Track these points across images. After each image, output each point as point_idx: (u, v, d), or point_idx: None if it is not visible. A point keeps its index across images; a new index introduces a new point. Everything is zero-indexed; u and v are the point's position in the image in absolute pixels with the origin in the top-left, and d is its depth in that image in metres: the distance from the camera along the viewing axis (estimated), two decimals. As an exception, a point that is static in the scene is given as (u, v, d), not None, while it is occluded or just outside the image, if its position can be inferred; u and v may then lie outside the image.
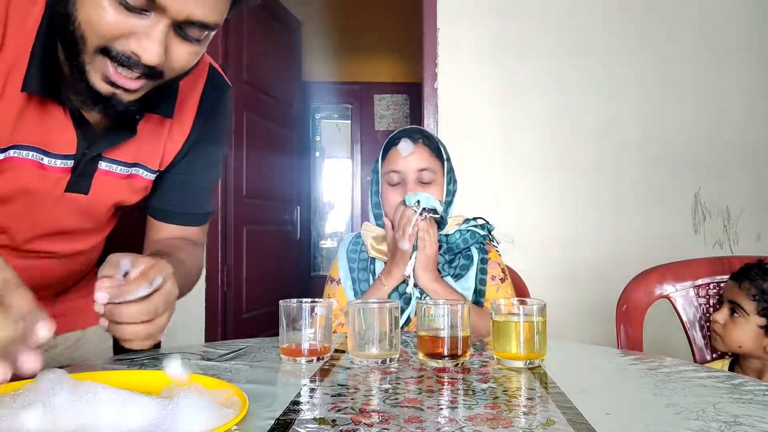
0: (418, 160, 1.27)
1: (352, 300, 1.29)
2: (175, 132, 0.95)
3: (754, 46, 2.47)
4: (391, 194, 1.30)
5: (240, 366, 0.88)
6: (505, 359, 0.89)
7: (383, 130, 5.31)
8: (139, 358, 0.92)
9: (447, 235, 1.31)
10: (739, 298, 1.28)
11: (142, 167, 0.94)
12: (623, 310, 1.40)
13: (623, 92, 2.48)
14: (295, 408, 0.67)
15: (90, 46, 0.69)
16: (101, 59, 0.70)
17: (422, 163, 1.27)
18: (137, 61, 0.69)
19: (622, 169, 2.46)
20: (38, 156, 0.82)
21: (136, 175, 0.93)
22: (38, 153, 0.82)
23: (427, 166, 1.28)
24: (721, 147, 2.45)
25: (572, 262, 2.45)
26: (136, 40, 0.68)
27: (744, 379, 0.82)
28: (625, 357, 0.97)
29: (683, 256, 1.55)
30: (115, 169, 0.90)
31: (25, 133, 0.79)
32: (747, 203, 2.43)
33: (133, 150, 0.90)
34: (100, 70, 0.71)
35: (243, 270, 3.02)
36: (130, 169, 0.92)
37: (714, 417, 0.63)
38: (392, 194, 1.29)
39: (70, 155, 0.84)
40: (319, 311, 0.94)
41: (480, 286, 1.30)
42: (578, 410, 0.65)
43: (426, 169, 1.27)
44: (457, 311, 0.91)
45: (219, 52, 2.80)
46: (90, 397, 0.58)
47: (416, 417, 0.63)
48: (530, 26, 2.50)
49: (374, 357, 0.90)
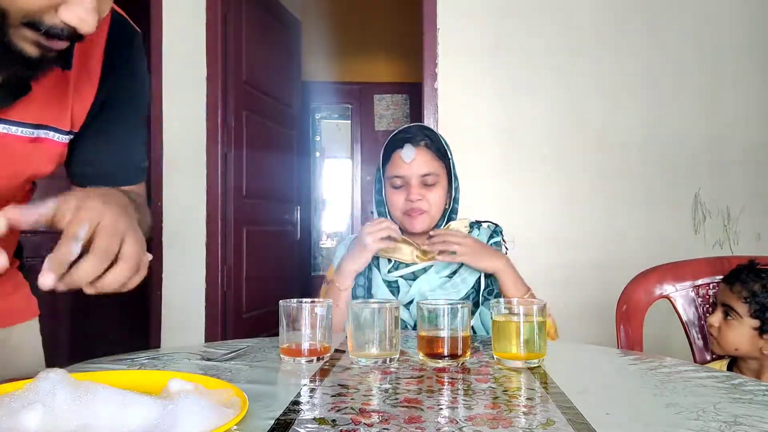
0: (421, 165, 1.28)
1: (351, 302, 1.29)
2: (83, 86, 0.86)
3: (755, 46, 2.47)
4: (395, 196, 1.31)
5: (240, 366, 0.88)
6: (505, 359, 0.89)
7: (383, 130, 5.31)
8: (139, 358, 0.92)
9: None
10: (732, 300, 1.27)
11: (52, 129, 0.84)
12: (623, 310, 1.40)
13: (624, 92, 2.48)
14: (295, 408, 0.67)
15: (14, 21, 0.62)
16: (28, 32, 0.63)
17: (425, 168, 1.29)
18: (71, 32, 0.64)
19: (623, 169, 2.47)
20: None
21: (45, 138, 0.84)
22: None
23: (430, 170, 1.29)
24: (721, 147, 2.45)
25: (572, 262, 2.45)
26: (68, 10, 0.62)
27: (744, 379, 0.82)
28: (625, 357, 0.97)
29: (683, 256, 1.55)
30: (14, 131, 0.80)
31: None
32: (747, 203, 2.43)
33: (35, 110, 0.81)
34: (28, 39, 0.64)
35: (243, 270, 3.02)
36: (35, 131, 0.83)
37: (714, 417, 0.63)
38: (396, 196, 1.31)
39: None
40: (319, 311, 0.94)
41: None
42: (578, 410, 0.65)
43: (429, 173, 1.29)
44: (457, 311, 0.91)
45: (219, 52, 2.80)
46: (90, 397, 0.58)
47: (416, 417, 0.63)
48: (530, 26, 2.50)
49: (374, 357, 0.90)
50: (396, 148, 1.30)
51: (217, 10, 2.78)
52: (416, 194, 1.28)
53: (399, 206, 1.30)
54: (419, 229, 1.29)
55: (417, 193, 1.28)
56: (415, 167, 1.28)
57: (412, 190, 1.28)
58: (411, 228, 1.30)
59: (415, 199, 1.28)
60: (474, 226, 1.36)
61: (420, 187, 1.29)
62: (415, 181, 1.29)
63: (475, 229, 1.35)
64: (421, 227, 1.29)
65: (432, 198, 1.29)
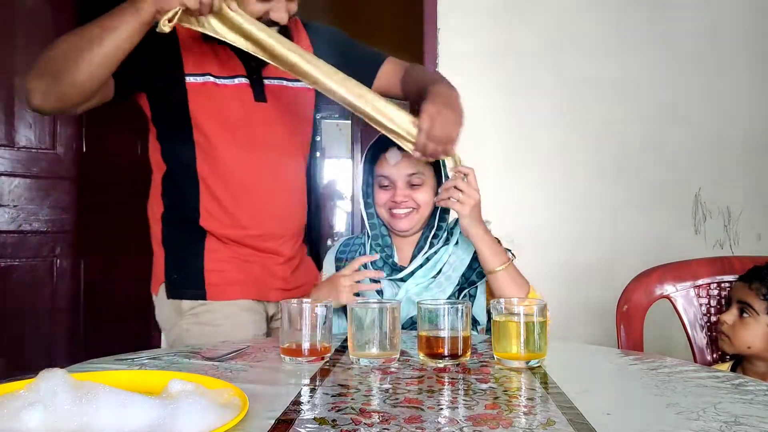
0: (407, 166, 1.28)
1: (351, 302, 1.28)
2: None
3: (755, 46, 2.47)
4: (382, 194, 1.31)
5: (240, 366, 0.88)
6: (505, 359, 0.89)
7: (383, 130, 5.29)
8: (139, 358, 0.92)
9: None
10: (749, 298, 1.29)
11: None
12: (624, 310, 1.40)
13: (624, 92, 2.47)
14: (295, 408, 0.67)
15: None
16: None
17: (411, 168, 1.29)
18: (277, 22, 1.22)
19: (623, 169, 2.46)
20: None
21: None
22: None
23: (416, 170, 1.29)
24: (721, 147, 2.45)
25: (572, 262, 2.45)
26: (274, 13, 1.20)
27: (744, 379, 0.82)
28: (625, 357, 0.97)
29: (683, 256, 1.54)
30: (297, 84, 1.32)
31: None
32: (747, 203, 2.43)
33: None
34: None
35: (243, 270, 3.02)
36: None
37: (714, 417, 0.63)
38: (382, 195, 1.31)
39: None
40: (319, 311, 0.94)
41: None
42: (578, 410, 0.65)
43: (415, 173, 1.29)
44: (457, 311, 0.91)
45: (219, 52, 2.80)
46: (90, 397, 0.58)
47: (416, 417, 0.63)
48: (531, 26, 2.50)
49: (374, 357, 0.90)
50: (385, 146, 1.30)
51: (218, 10, 2.78)
52: (401, 195, 1.28)
53: (385, 206, 1.31)
54: (404, 228, 1.28)
55: (402, 195, 1.28)
56: (401, 167, 1.29)
57: (398, 192, 1.28)
58: (395, 228, 1.29)
59: (400, 201, 1.28)
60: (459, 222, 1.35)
61: (406, 187, 1.29)
62: (401, 182, 1.29)
63: (458, 225, 1.35)
64: (405, 227, 1.28)
65: (419, 197, 1.29)
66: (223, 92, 1.26)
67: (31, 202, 2.78)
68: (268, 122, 1.30)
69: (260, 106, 1.29)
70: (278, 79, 1.32)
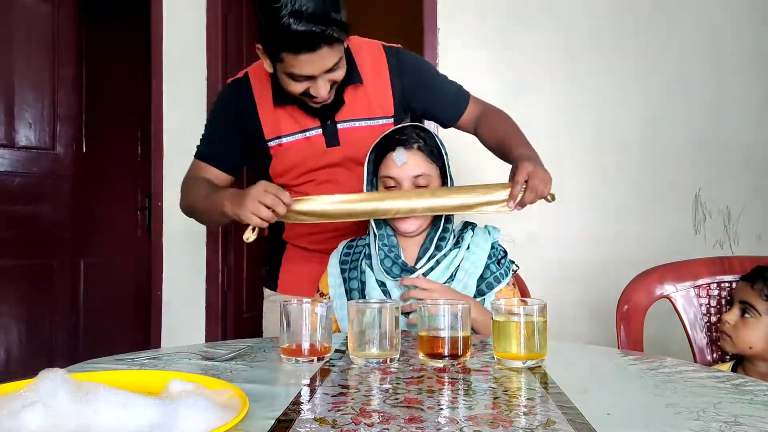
0: (413, 168, 1.28)
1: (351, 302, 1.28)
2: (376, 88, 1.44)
3: (754, 47, 2.47)
4: None
5: (240, 366, 0.88)
6: (505, 359, 0.89)
7: (383, 130, 5.30)
8: (139, 358, 0.92)
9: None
10: (752, 298, 1.29)
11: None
12: (624, 310, 1.40)
13: (624, 92, 2.47)
14: (295, 408, 0.67)
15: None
16: (305, 98, 1.31)
17: (417, 170, 1.28)
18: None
19: (623, 168, 2.46)
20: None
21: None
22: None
23: (422, 172, 1.28)
24: (721, 147, 2.45)
25: (572, 262, 2.45)
26: (313, 90, 1.26)
27: (744, 379, 0.82)
28: (625, 357, 0.97)
29: (683, 256, 1.54)
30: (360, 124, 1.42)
31: None
32: (747, 203, 2.43)
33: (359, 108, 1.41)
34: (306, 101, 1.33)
35: (243, 270, 3.02)
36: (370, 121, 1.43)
37: (714, 417, 0.63)
38: None
39: None
40: (319, 311, 0.94)
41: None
42: (578, 410, 0.65)
43: (421, 175, 1.28)
44: (457, 311, 0.91)
45: (219, 52, 2.80)
46: (90, 397, 0.58)
47: (416, 417, 0.63)
48: (531, 26, 2.50)
49: (374, 357, 0.90)
50: (390, 147, 1.30)
51: (218, 10, 2.78)
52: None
53: None
54: (409, 230, 1.28)
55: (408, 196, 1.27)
56: (407, 168, 1.28)
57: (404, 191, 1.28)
58: (400, 229, 1.29)
59: None
60: (468, 227, 1.34)
61: (411, 188, 1.28)
62: (407, 182, 1.28)
63: (468, 230, 1.33)
64: (411, 228, 1.28)
65: None
66: (295, 146, 1.41)
67: (31, 202, 2.78)
68: (339, 162, 1.43)
69: (332, 150, 1.41)
70: (351, 121, 1.42)
